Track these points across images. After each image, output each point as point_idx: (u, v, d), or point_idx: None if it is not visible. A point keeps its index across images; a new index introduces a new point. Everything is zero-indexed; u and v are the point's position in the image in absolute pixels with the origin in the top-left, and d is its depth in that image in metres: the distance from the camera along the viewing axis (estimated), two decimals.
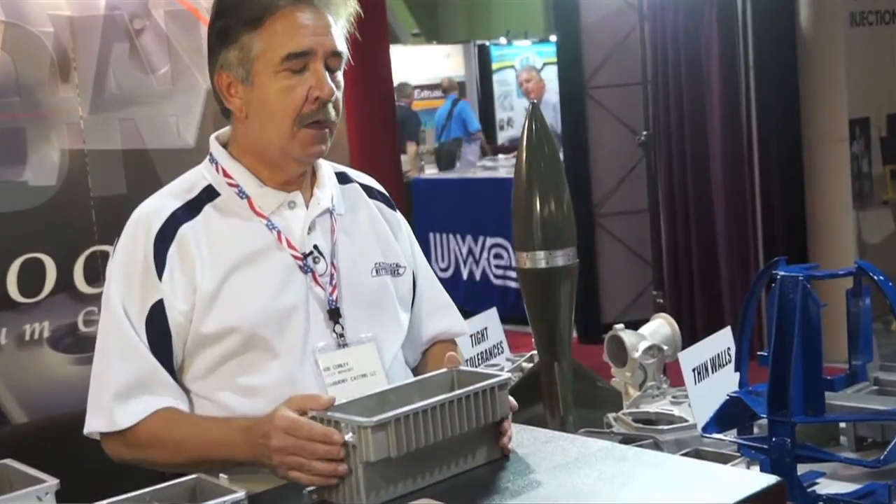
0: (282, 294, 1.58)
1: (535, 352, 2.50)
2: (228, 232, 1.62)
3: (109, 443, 1.58)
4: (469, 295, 6.22)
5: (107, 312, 1.59)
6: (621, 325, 2.60)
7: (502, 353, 2.66)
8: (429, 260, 7.78)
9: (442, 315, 1.84)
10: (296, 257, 1.62)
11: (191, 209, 1.62)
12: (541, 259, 2.14)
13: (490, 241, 6.27)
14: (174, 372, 1.58)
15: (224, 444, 1.49)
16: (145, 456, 1.56)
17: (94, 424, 1.57)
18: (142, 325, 1.56)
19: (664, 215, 5.14)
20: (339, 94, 1.64)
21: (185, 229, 1.59)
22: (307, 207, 1.67)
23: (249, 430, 1.46)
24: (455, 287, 6.33)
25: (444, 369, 1.51)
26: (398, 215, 1.83)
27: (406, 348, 1.75)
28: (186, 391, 1.59)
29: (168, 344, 1.56)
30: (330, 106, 1.62)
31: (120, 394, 1.55)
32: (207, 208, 1.63)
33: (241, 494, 1.18)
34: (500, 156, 7.70)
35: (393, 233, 1.79)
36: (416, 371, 1.78)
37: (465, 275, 6.42)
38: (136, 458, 1.57)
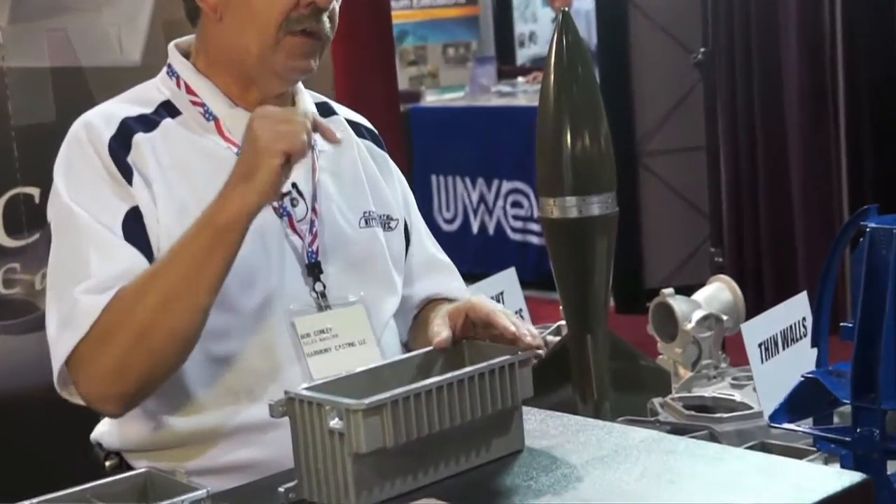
0: (251, 238, 1.60)
1: (562, 322, 2.51)
2: (191, 156, 1.64)
3: (81, 366, 1.50)
4: (481, 253, 6.23)
5: (69, 223, 1.55)
6: (670, 290, 2.61)
7: None
8: (430, 210, 7.74)
9: (439, 275, 1.86)
10: None
11: (146, 123, 1.63)
12: (571, 207, 2.14)
13: (507, 185, 6.27)
14: None
15: (213, 216, 1.49)
16: (132, 326, 1.48)
17: (63, 346, 1.50)
18: (118, 230, 1.56)
19: (725, 154, 5.13)
20: (336, 5, 1.65)
21: (140, 138, 1.61)
22: None
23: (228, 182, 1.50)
24: (463, 243, 6.33)
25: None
26: (388, 159, 1.85)
27: (396, 316, 1.77)
28: None
29: (150, 254, 1.57)
30: (325, 16, 1.63)
31: (93, 288, 1.51)
32: (167, 123, 1.65)
33: (201, 493, 1.20)
34: (520, 79, 7.66)
35: (384, 179, 1.81)
36: (406, 345, 1.80)
37: (475, 228, 6.43)
38: (125, 353, 1.48)
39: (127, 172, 1.58)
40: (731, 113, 5.09)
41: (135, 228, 1.57)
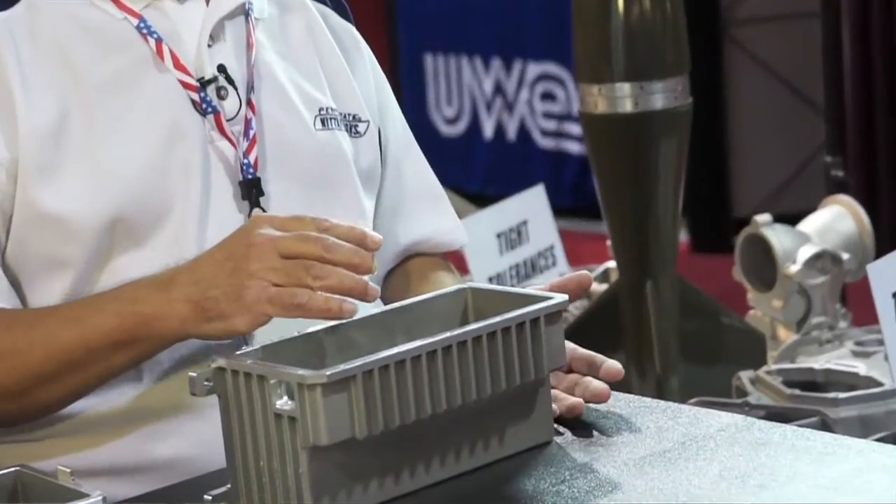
0: (163, 148, 1.62)
1: (611, 264, 2.53)
2: (71, 36, 1.65)
3: None
4: (497, 166, 6.23)
5: None
6: (767, 217, 2.62)
7: (554, 265, 2.69)
8: (423, 106, 7.66)
9: (430, 208, 1.90)
10: (187, 85, 1.66)
11: None
12: (624, 98, 2.15)
13: (534, 68, 6.25)
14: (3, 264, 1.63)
15: (133, 321, 1.54)
16: None
17: None
18: None
19: (850, 24, 5.11)
20: None
21: None
22: (207, 2, 1.70)
23: (175, 277, 1.53)
24: (471, 153, 6.33)
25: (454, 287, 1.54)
26: (356, 35, 1.86)
27: None
28: None
29: None
30: None
31: None
32: None
33: (95, 500, 1.22)
34: None
35: (350, 64, 1.82)
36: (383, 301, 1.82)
37: (488, 131, 6.43)
38: None
39: None
40: None
41: None
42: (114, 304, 1.55)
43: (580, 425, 1.53)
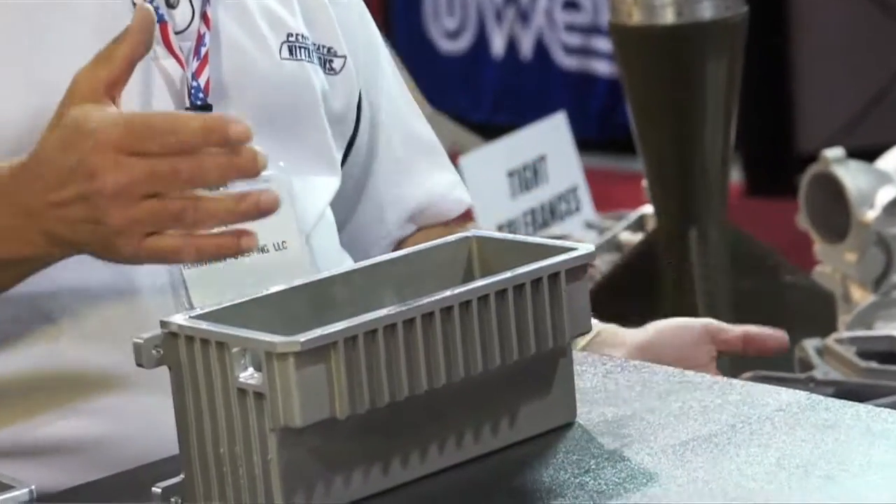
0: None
1: (647, 209, 2.53)
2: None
3: None
4: (508, 91, 6.23)
5: None
6: (838, 152, 2.62)
7: (578, 209, 2.69)
8: (418, 19, 7.68)
9: (426, 164, 1.92)
10: None
11: None
12: (665, 6, 2.15)
13: None
14: None
15: None
16: None
17: None
18: None
19: None
20: None
21: None
22: None
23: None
24: (477, 75, 6.32)
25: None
26: None
27: (347, 232, 1.83)
28: None
29: None
30: None
31: None
32: None
33: (21, 493, 1.23)
34: None
35: None
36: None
37: (499, 48, 6.42)
38: None
39: None
40: None
41: None
42: None
43: (608, 402, 1.54)
